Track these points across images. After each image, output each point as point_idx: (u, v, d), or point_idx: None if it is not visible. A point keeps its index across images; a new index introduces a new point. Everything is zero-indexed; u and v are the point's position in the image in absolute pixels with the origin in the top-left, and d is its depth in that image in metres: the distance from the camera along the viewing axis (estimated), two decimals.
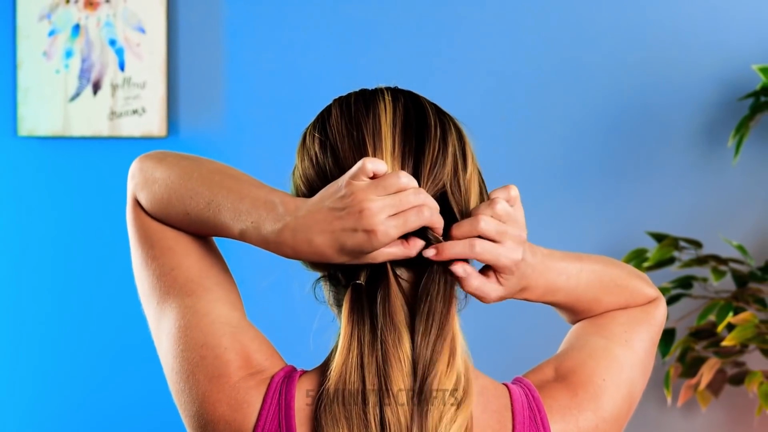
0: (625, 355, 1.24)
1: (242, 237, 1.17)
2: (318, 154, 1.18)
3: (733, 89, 2.57)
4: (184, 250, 1.23)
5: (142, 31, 2.70)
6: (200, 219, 1.20)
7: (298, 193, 1.19)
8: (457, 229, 1.13)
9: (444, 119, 1.20)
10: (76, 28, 2.70)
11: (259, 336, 1.19)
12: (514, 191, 1.15)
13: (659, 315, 1.30)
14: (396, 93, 1.21)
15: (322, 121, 1.20)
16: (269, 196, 1.16)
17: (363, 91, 1.22)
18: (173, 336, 1.18)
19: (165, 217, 1.23)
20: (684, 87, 2.59)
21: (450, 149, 1.18)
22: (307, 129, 1.21)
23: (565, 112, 2.62)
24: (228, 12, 2.71)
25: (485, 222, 1.12)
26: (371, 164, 1.11)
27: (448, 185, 1.17)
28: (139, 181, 1.24)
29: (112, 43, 2.70)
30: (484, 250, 1.12)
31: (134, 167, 1.25)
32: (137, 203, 1.25)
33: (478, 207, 1.14)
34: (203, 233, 1.23)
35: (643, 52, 2.59)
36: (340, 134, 1.18)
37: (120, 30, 2.70)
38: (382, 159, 1.15)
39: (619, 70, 2.60)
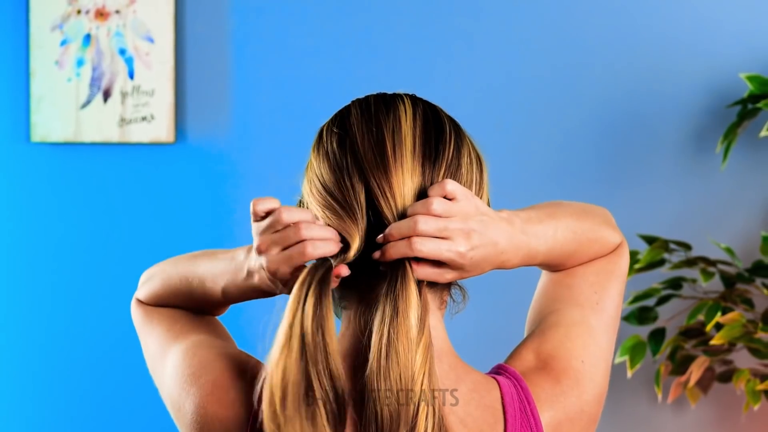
0: (599, 321, 1.25)
1: (225, 296, 1.23)
2: (336, 150, 1.17)
3: (721, 97, 2.58)
4: (178, 313, 1.31)
5: (151, 40, 2.71)
6: (190, 292, 1.28)
7: (312, 190, 1.18)
8: (397, 230, 1.11)
9: (459, 133, 1.20)
10: (87, 38, 2.71)
11: (245, 353, 1.22)
12: (450, 185, 1.12)
13: (624, 264, 1.30)
14: (415, 98, 1.21)
15: (341, 118, 1.19)
16: (236, 252, 1.21)
17: (383, 94, 1.21)
18: (172, 372, 1.22)
19: (158, 302, 1.32)
20: (674, 95, 2.59)
21: (464, 161, 1.18)
22: (324, 125, 1.21)
23: (559, 118, 2.63)
24: (234, 22, 2.72)
25: (424, 222, 1.11)
26: (260, 205, 1.14)
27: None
28: (141, 284, 1.35)
29: (122, 52, 2.71)
30: (424, 247, 1.10)
31: (140, 280, 1.36)
32: (137, 300, 1.35)
33: (413, 206, 1.12)
34: (199, 307, 1.30)
35: (634, 61, 2.60)
36: (360, 131, 1.17)
37: (129, 40, 2.71)
38: (403, 158, 1.15)
39: (612, 79, 2.61)
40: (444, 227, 1.11)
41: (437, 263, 1.13)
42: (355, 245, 1.12)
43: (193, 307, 1.30)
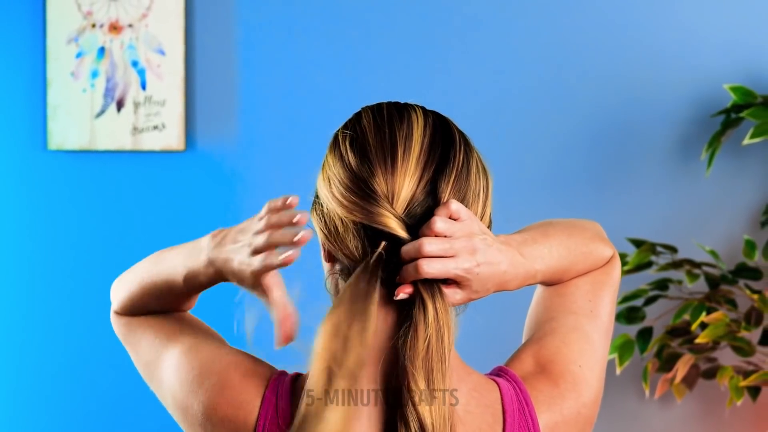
0: (593, 327, 1.24)
1: (186, 283, 1.21)
2: (350, 150, 1.16)
3: (706, 107, 2.58)
4: (160, 321, 1.28)
5: (162, 53, 2.72)
6: (154, 288, 1.26)
7: (332, 188, 1.17)
8: (405, 254, 1.12)
9: (468, 144, 1.19)
10: (102, 50, 2.72)
11: (243, 351, 1.21)
12: (454, 205, 1.13)
13: (616, 274, 1.30)
14: (426, 109, 1.21)
15: (353, 122, 1.19)
16: (196, 241, 1.20)
17: (395, 102, 1.21)
18: (173, 375, 1.21)
19: (133, 308, 1.30)
20: (661, 104, 2.60)
21: (473, 170, 1.17)
22: (338, 130, 1.20)
23: (551, 127, 2.63)
24: (241, 35, 2.73)
25: (428, 244, 1.11)
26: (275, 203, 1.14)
27: (470, 203, 1.16)
28: (113, 296, 1.33)
29: (135, 64, 2.72)
30: (431, 269, 1.11)
31: (111, 292, 1.33)
32: (114, 313, 1.33)
33: (421, 228, 1.12)
34: (164, 303, 1.28)
35: (623, 72, 2.61)
36: (371, 132, 1.16)
37: (142, 52, 2.72)
38: (408, 162, 1.14)
39: (602, 89, 2.61)
40: (449, 247, 1.11)
41: (447, 283, 1.13)
42: (397, 228, 1.12)
43: (163, 306, 1.28)
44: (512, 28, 2.64)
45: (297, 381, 1.16)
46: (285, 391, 1.14)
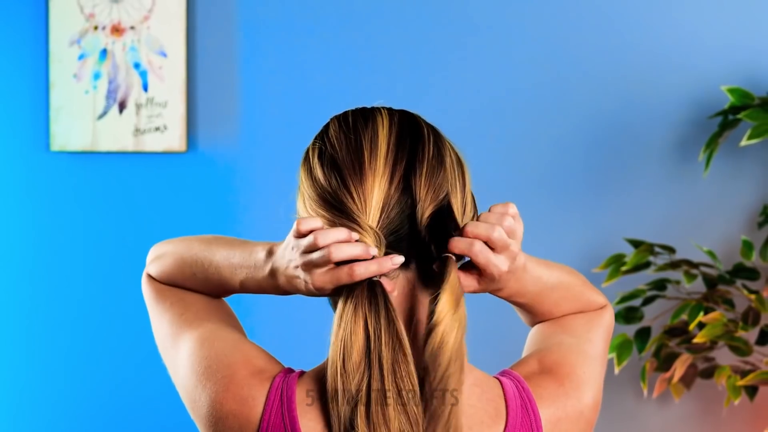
0: (592, 351, 1.26)
1: (243, 288, 1.23)
2: (318, 163, 1.17)
3: (703, 108, 2.59)
4: (191, 298, 1.29)
5: (164, 55, 2.72)
6: (205, 278, 1.26)
7: (306, 205, 1.18)
8: (474, 228, 1.12)
9: (438, 135, 1.19)
10: (104, 52, 2.73)
11: (258, 347, 1.21)
12: (513, 209, 1.14)
13: (609, 319, 1.32)
14: (392, 109, 1.21)
15: (321, 134, 1.20)
16: (255, 247, 1.21)
17: (361, 108, 1.21)
18: (186, 361, 1.21)
19: (172, 282, 1.30)
20: (659, 106, 2.60)
21: (447, 160, 1.17)
22: (309, 144, 1.21)
23: (550, 129, 2.64)
24: (242, 37, 2.73)
25: (499, 232, 1.12)
26: (303, 225, 1.12)
27: (452, 196, 1.16)
28: (151, 260, 1.33)
29: (137, 66, 2.73)
30: (481, 253, 1.12)
31: (149, 254, 1.34)
32: (149, 276, 1.33)
33: (489, 215, 1.14)
34: (212, 292, 1.29)
35: (622, 75, 2.61)
36: (339, 141, 1.17)
37: (143, 54, 2.72)
38: (376, 163, 1.15)
39: (601, 91, 2.62)
40: (507, 245, 1.13)
41: (469, 269, 1.16)
42: (374, 246, 1.12)
43: (205, 290, 1.29)
44: (511, 31, 2.65)
45: (302, 378, 1.16)
46: (290, 388, 1.15)
